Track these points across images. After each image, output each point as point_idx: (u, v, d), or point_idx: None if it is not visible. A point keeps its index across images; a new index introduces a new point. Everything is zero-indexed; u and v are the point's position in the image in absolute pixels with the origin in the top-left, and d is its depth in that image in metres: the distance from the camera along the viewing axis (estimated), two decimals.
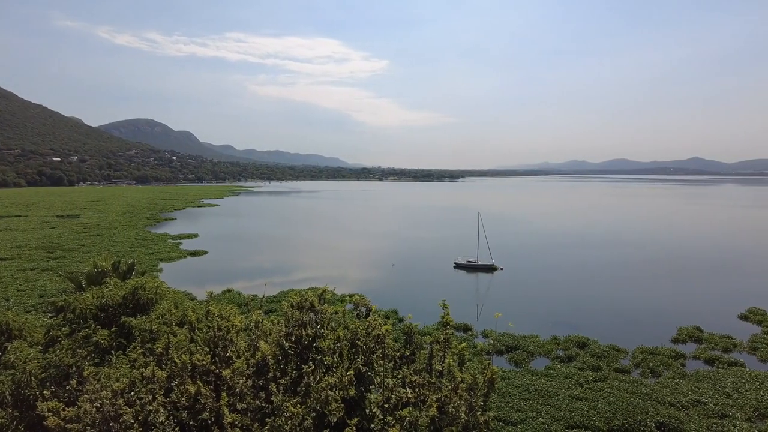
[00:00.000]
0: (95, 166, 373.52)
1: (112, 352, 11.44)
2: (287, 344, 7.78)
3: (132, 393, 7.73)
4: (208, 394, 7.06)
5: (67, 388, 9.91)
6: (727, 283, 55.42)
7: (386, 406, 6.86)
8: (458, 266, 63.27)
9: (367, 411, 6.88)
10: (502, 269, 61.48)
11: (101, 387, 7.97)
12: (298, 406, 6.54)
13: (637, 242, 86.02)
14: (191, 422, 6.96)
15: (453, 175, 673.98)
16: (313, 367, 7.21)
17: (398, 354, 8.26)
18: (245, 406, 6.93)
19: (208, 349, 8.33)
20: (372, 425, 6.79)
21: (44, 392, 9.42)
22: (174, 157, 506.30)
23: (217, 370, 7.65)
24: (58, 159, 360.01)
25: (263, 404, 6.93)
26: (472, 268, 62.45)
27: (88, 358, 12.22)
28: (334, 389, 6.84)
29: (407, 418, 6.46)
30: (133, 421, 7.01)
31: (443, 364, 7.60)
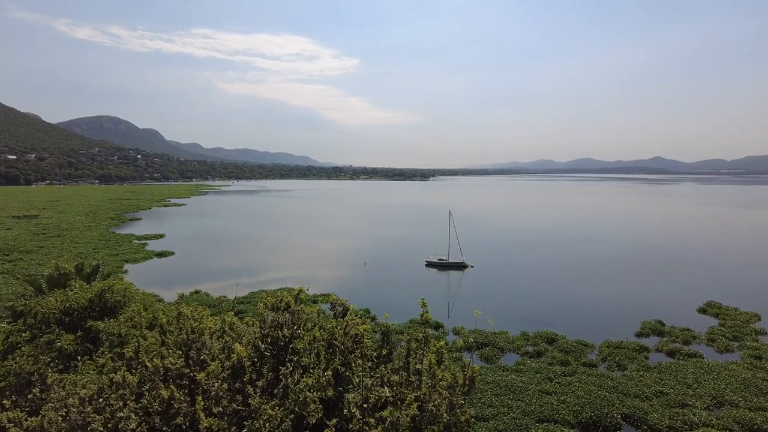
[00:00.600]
0: (55, 164, 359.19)
1: (78, 357, 11.04)
2: (263, 346, 7.66)
3: (101, 400, 7.48)
4: (182, 398, 6.89)
5: (30, 396, 9.52)
6: (686, 278, 57.63)
7: (365, 405, 6.83)
8: (430, 264, 63.69)
9: (345, 411, 6.84)
10: (472, 267, 62.22)
11: (67, 394, 7.68)
12: (276, 408, 6.45)
13: (602, 239, 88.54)
14: (165, 428, 6.78)
15: (424, 174, 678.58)
16: (291, 368, 7.12)
17: (375, 353, 8.25)
18: (221, 409, 6.79)
19: (180, 352, 8.13)
20: (350, 425, 6.75)
21: (4, 402, 9.00)
22: (139, 156, 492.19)
23: (192, 374, 7.47)
24: (14, 157, 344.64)
25: (240, 407, 6.81)
26: (443, 266, 62.98)
27: (52, 364, 11.75)
28: (312, 390, 6.78)
29: (389, 419, 6.45)
30: (102, 429, 6.79)
31: (422, 363, 7.63)
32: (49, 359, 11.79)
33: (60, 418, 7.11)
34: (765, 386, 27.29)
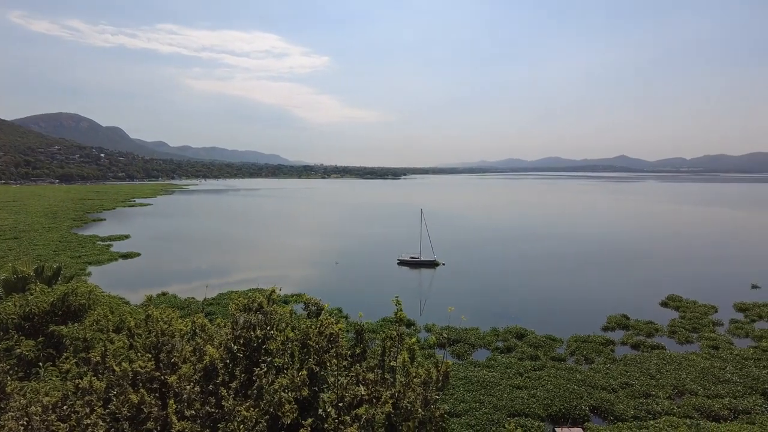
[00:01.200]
0: (10, 163, 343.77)
1: (40, 364, 10.63)
2: (236, 347, 7.55)
3: (65, 407, 7.23)
4: (152, 402, 6.72)
5: None
6: (649, 273, 59.70)
7: (340, 404, 6.82)
8: (402, 263, 63.97)
9: (320, 411, 6.81)
10: (443, 264, 62.81)
11: (29, 402, 7.40)
12: (251, 409, 6.37)
13: (569, 235, 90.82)
14: None
15: (396, 173, 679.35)
16: (265, 369, 7.04)
17: (350, 352, 8.25)
18: (194, 412, 6.65)
19: (150, 356, 7.94)
20: (326, 424, 6.73)
21: None
22: (102, 154, 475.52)
23: (162, 377, 7.30)
24: None
25: (213, 410, 6.69)
26: (415, 264, 63.36)
27: (11, 372, 11.28)
28: (287, 390, 6.72)
29: (364, 417, 6.46)
30: None
31: (397, 360, 7.66)
32: (8, 366, 11.28)
33: (21, 428, 6.84)
34: (722, 375, 28.58)
